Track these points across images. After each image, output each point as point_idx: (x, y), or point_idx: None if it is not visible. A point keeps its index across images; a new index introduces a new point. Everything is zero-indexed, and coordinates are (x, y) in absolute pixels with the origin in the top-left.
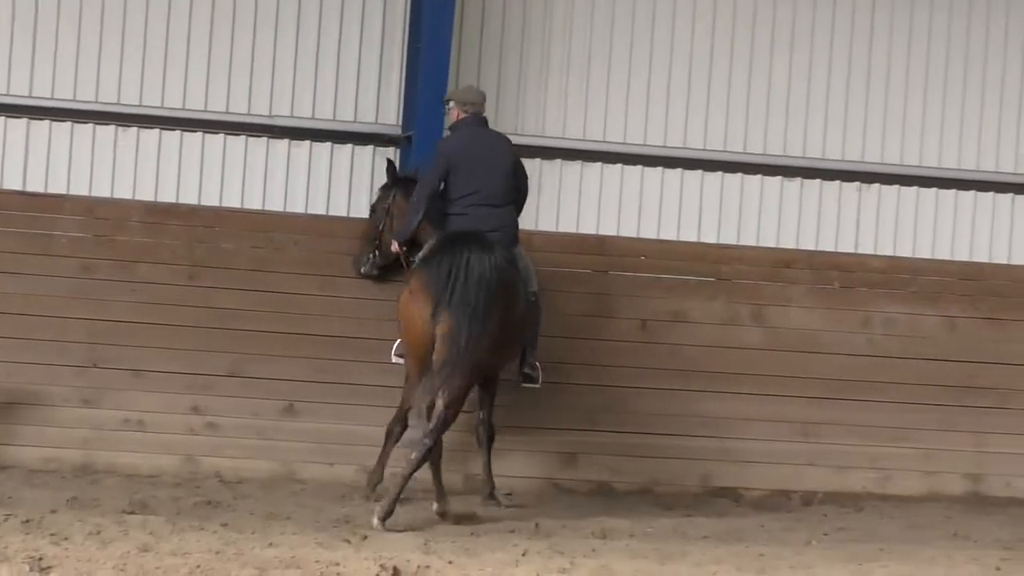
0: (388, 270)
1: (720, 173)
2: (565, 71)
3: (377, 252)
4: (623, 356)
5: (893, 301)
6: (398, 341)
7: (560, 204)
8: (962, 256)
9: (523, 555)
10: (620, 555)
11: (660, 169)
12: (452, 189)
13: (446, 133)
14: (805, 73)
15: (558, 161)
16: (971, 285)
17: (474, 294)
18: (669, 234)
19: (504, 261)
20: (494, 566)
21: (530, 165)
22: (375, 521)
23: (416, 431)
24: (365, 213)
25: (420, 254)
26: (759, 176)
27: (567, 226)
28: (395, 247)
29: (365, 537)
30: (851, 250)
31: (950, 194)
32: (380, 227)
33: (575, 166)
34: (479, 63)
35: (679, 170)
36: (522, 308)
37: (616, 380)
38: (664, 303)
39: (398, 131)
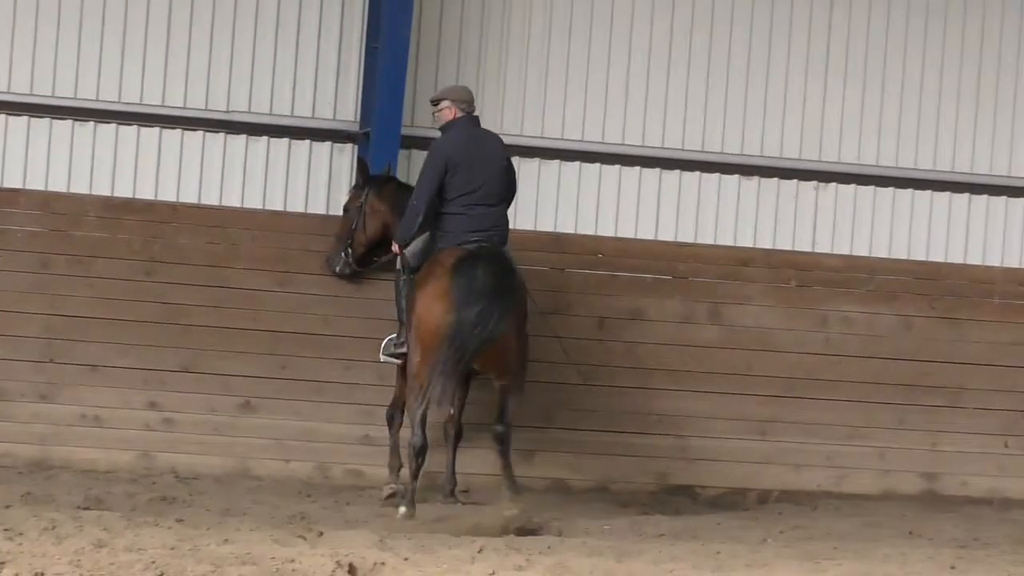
0: (362, 268)
1: (678, 171)
2: (523, 69)
3: (351, 251)
4: (580, 353)
5: (850, 300)
6: (387, 339)
7: (517, 201)
8: (918, 256)
9: (479, 552)
10: (576, 552)
11: (618, 167)
12: (449, 188)
13: (403, 130)
14: (763, 72)
15: (516, 158)
16: (927, 284)
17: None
18: (626, 232)
19: (520, 278)
20: (450, 563)
21: None
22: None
23: (411, 432)
24: (323, 209)
25: (411, 249)
26: (717, 175)
27: (524, 223)
28: (395, 248)
29: (321, 534)
30: (808, 249)
31: (907, 193)
32: (353, 226)
33: (533, 164)
34: (437, 59)
35: (637, 168)
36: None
37: (573, 377)
38: (621, 301)
39: (356, 127)
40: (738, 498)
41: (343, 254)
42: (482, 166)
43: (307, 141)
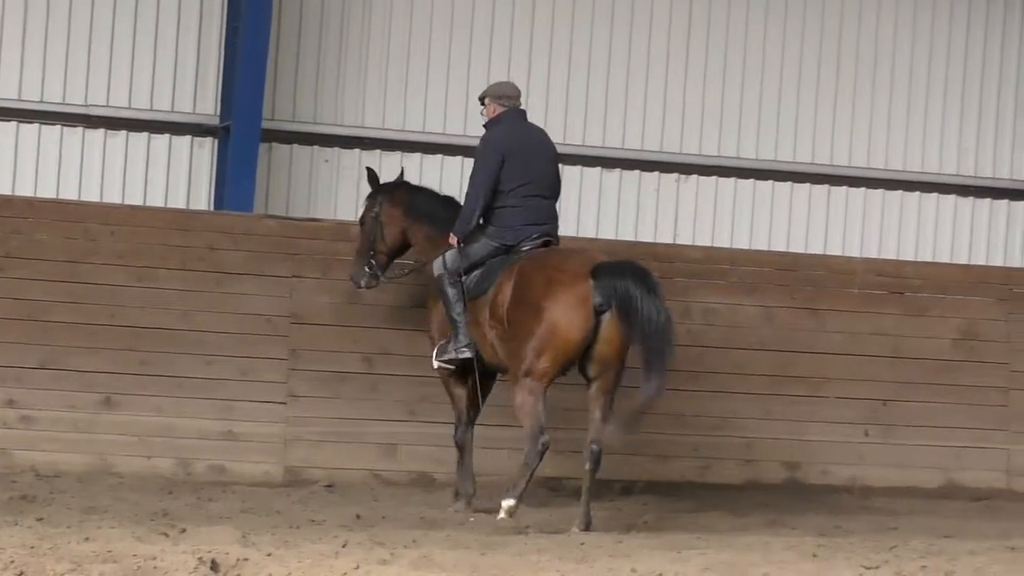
0: (388, 279)
1: None
2: (385, 60)
3: (374, 262)
4: None
5: (711, 291)
6: (438, 345)
7: None
8: (779, 247)
9: (343, 546)
10: (441, 545)
11: None
12: (504, 180)
13: (264, 124)
14: (624, 65)
15: (377, 152)
16: (788, 275)
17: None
18: None
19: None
20: (313, 558)
21: (347, 156)
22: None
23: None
24: (183, 204)
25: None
26: (578, 167)
27: None
28: (453, 240)
29: (183, 530)
30: (669, 240)
31: (767, 185)
32: (372, 237)
33: (395, 156)
34: (298, 52)
35: None
36: None
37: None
38: None
39: (216, 121)
40: (603, 489)
41: (366, 268)
42: (535, 158)
43: (167, 135)
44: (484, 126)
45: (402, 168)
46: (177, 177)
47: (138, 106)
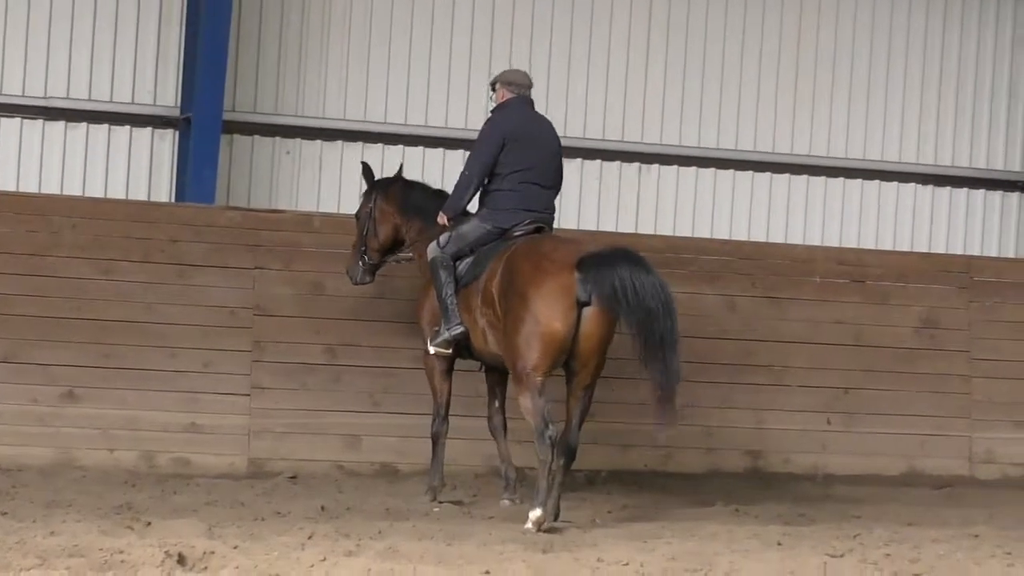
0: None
1: None
2: (345, 52)
3: (366, 257)
4: (406, 337)
5: (673, 280)
6: (433, 330)
7: (341, 186)
8: (740, 236)
9: (309, 538)
10: (406, 536)
11: (441, 151)
12: (503, 164)
13: (225, 115)
14: (584, 57)
15: (339, 142)
16: (749, 264)
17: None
18: None
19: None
20: (280, 550)
21: (309, 147)
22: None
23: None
24: (144, 196)
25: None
26: None
27: (349, 207)
28: (442, 219)
29: (149, 523)
30: (632, 230)
31: (728, 174)
32: (365, 232)
33: (356, 147)
34: (259, 43)
35: (460, 151)
36: None
37: (399, 361)
38: None
39: (177, 113)
40: (566, 478)
41: (360, 263)
42: (537, 145)
43: (127, 127)
44: (491, 111)
45: (401, 164)
46: (138, 169)
47: (98, 98)
